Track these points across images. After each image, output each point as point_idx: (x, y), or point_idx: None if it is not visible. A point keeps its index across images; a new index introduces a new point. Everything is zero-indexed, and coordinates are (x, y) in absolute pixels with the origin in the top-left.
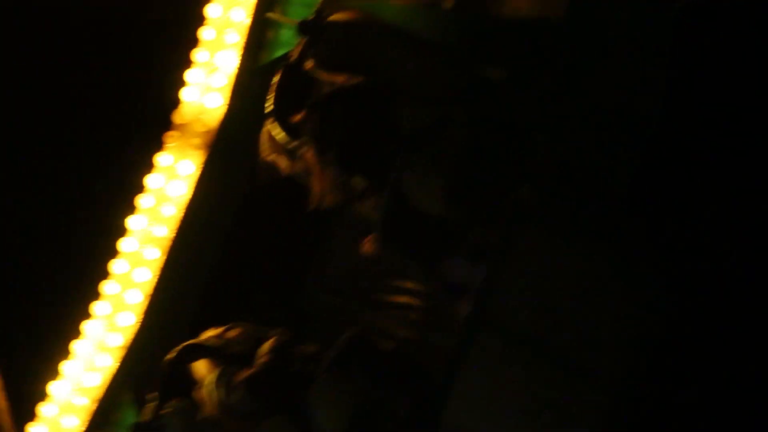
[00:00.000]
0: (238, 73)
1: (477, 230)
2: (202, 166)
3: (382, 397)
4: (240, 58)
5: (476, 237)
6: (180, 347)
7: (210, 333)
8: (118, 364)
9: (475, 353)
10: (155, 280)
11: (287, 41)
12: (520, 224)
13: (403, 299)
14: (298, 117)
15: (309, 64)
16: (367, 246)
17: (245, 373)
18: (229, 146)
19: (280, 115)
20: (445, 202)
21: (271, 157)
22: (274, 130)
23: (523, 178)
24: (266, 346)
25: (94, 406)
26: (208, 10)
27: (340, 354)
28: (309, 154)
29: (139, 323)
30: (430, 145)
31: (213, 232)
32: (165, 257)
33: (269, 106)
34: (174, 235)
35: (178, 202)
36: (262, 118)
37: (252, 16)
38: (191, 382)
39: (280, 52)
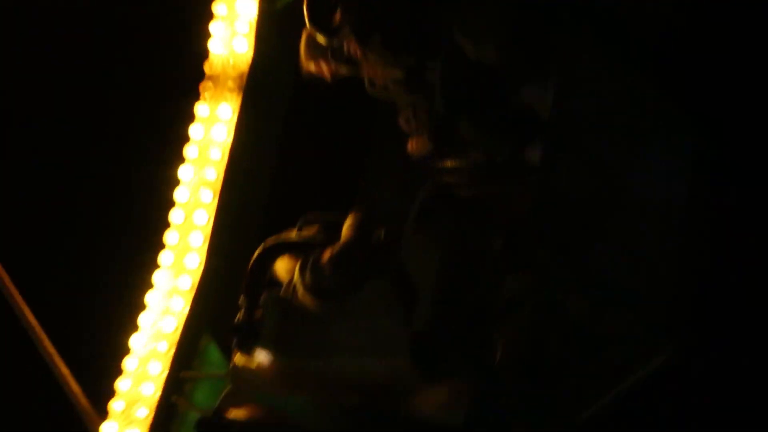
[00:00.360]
0: (259, 18)
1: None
2: (239, 109)
3: (471, 237)
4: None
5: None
6: (262, 246)
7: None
8: (191, 306)
9: None
10: (212, 222)
11: None
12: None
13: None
14: (335, 15)
15: None
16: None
17: (329, 253)
18: (262, 87)
19: (316, 17)
20: (502, 48)
21: (314, 67)
22: (313, 35)
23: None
24: (345, 224)
25: (173, 351)
26: None
27: (423, 206)
28: (352, 46)
29: (204, 265)
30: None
31: (261, 169)
32: (218, 199)
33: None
34: (224, 177)
35: (222, 146)
36: (288, 57)
37: None
38: (275, 284)
39: None
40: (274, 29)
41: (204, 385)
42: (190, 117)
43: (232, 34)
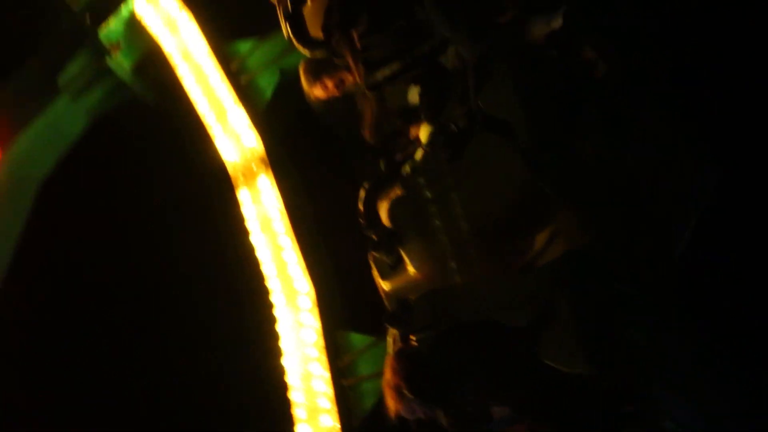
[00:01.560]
0: None
1: None
2: None
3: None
4: None
5: None
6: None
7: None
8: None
9: None
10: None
11: None
12: None
13: None
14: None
15: None
16: None
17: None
18: None
19: (301, 36)
20: None
21: (319, 90)
22: (306, 53)
23: None
24: None
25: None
26: None
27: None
28: (344, 43)
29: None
30: None
31: None
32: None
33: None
34: None
35: None
36: None
37: None
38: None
39: None
40: None
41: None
42: None
43: None
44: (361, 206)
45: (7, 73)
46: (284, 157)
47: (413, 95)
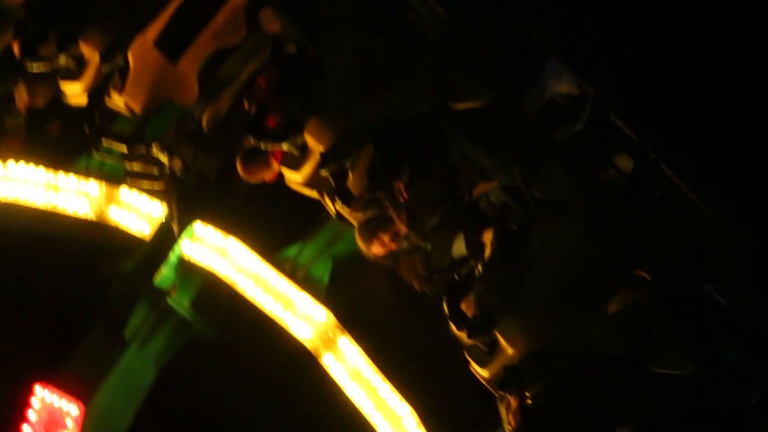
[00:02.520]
0: None
1: None
2: None
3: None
4: None
5: None
6: None
7: None
8: None
9: None
10: None
11: None
12: None
13: None
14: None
15: None
16: None
17: None
18: None
19: (349, 201)
20: None
21: (376, 247)
22: (355, 219)
23: None
24: None
25: None
26: None
27: None
28: (389, 203)
29: None
30: None
31: None
32: None
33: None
34: None
35: None
36: None
37: None
38: None
39: None
40: None
41: None
42: None
43: None
44: (446, 310)
45: (78, 338)
46: (356, 316)
47: (459, 246)
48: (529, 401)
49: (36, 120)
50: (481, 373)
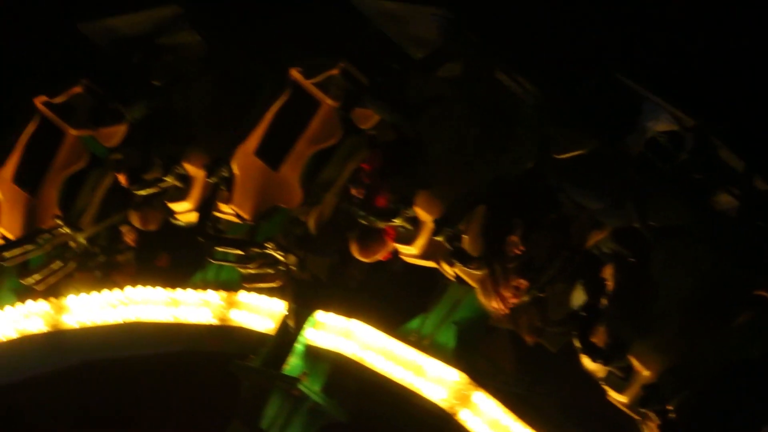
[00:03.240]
0: None
1: None
2: None
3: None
4: None
5: None
6: None
7: None
8: None
9: None
10: None
11: None
12: None
13: None
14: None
15: None
16: None
17: None
18: None
19: (466, 261)
20: None
21: (496, 302)
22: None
23: None
24: None
25: None
26: None
27: None
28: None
29: None
30: None
31: None
32: None
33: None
34: None
35: None
36: None
37: None
38: None
39: None
40: None
41: None
42: None
43: None
44: (579, 344)
45: None
46: (487, 373)
47: (578, 297)
48: (672, 415)
49: (145, 253)
50: (620, 399)
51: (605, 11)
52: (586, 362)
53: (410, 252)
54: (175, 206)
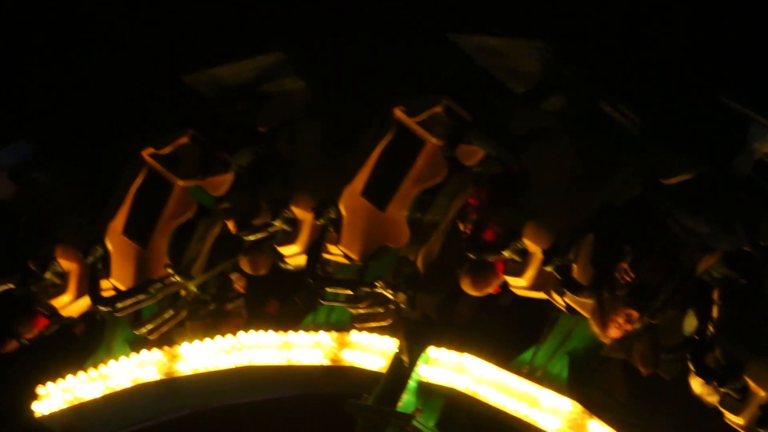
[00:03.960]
0: None
1: None
2: None
3: None
4: None
5: None
6: None
7: None
8: None
9: None
10: None
11: None
12: None
13: None
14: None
15: None
16: None
17: None
18: None
19: (577, 290)
20: None
21: (614, 331)
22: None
23: None
24: None
25: None
26: None
27: None
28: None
29: None
30: None
31: None
32: None
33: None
34: None
35: None
36: None
37: None
38: None
39: None
40: None
41: None
42: None
43: None
44: (693, 367)
45: None
46: (600, 404)
47: (690, 323)
48: None
49: (255, 300)
50: (737, 420)
51: (708, 35)
52: (696, 386)
53: (520, 284)
54: (284, 250)
